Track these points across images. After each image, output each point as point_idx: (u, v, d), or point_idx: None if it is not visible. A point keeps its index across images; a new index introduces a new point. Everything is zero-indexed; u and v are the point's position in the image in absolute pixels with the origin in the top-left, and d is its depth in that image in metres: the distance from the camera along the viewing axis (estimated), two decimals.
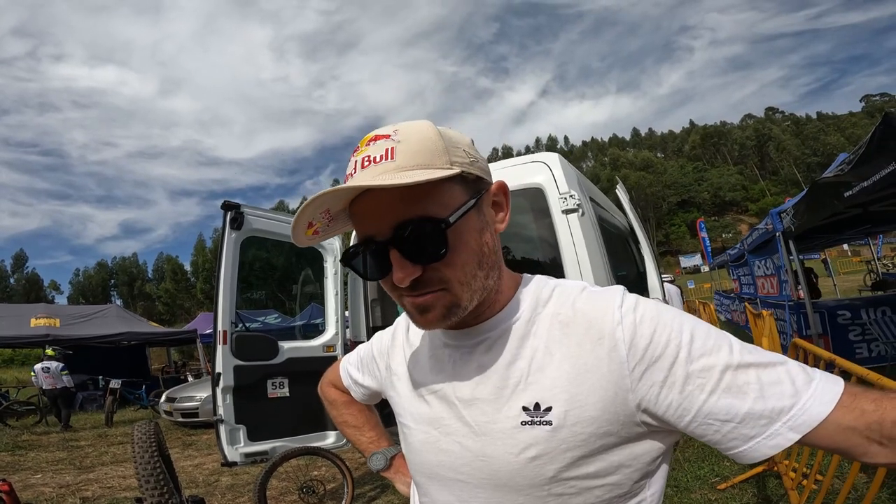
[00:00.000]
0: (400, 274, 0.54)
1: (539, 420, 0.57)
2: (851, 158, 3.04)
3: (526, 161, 2.90)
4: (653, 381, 0.54)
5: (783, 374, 0.52)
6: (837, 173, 3.36)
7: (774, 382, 0.51)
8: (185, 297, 74.28)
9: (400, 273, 0.54)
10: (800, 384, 0.51)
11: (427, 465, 0.67)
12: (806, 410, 0.50)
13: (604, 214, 3.80)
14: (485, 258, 0.59)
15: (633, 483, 0.59)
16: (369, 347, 0.87)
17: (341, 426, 1.00)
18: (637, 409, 0.55)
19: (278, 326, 6.90)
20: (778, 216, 5.53)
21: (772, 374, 0.52)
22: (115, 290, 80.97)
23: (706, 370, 0.52)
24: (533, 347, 0.60)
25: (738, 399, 0.51)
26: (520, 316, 0.63)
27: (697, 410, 0.53)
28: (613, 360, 0.55)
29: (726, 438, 0.53)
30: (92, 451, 6.98)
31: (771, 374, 0.52)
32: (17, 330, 11.03)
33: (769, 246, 6.87)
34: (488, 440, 0.60)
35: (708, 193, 79.86)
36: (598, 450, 0.56)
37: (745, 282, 10.51)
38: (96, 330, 11.87)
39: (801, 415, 0.50)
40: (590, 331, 0.57)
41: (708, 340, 0.54)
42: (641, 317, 0.56)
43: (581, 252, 2.54)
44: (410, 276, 0.55)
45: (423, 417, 0.68)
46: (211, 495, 4.43)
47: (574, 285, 0.65)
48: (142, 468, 1.74)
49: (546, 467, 0.57)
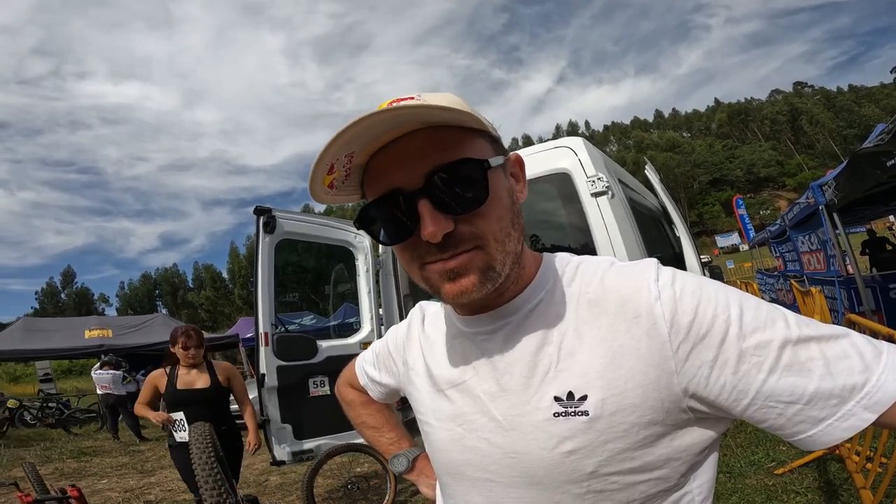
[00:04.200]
0: (432, 227, 0.48)
1: (574, 411, 0.52)
2: (891, 128, 2.95)
3: (550, 147, 2.85)
4: (701, 361, 0.48)
5: (849, 348, 0.47)
6: (878, 143, 3.24)
7: (841, 357, 0.46)
8: (224, 304, 77.03)
9: (432, 226, 0.48)
10: (869, 358, 0.46)
11: (453, 464, 0.62)
12: (881, 387, 0.45)
13: (634, 196, 3.70)
14: (517, 217, 0.55)
15: (679, 476, 0.54)
16: (385, 343, 0.82)
17: (359, 428, 0.95)
18: (684, 394, 0.50)
19: (314, 327, 7.05)
20: (819, 189, 5.29)
21: (836, 347, 0.47)
22: (160, 300, 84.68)
23: (762, 346, 0.47)
24: (561, 331, 0.54)
25: (803, 377, 0.46)
26: (543, 297, 0.57)
27: (757, 392, 0.47)
28: (654, 340, 0.50)
29: (792, 422, 0.47)
30: (151, 455, 7.30)
31: (835, 347, 0.47)
32: (73, 342, 11.76)
33: (812, 220, 6.58)
34: (518, 435, 0.55)
35: (741, 171, 77.31)
36: (642, 441, 0.51)
37: (790, 258, 10.06)
38: (146, 338, 12.50)
39: (875, 392, 0.45)
40: (624, 309, 0.52)
41: (760, 313, 0.48)
42: (682, 290, 0.50)
43: (614, 235, 2.48)
44: (443, 230, 0.48)
45: (445, 414, 0.63)
46: (262, 495, 4.58)
47: (600, 260, 0.59)
48: (201, 469, 1.81)
49: (584, 462, 0.52)
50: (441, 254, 0.50)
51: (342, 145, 0.47)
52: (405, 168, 0.50)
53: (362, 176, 0.55)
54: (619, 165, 3.93)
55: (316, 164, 0.48)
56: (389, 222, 0.52)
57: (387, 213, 0.51)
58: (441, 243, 0.49)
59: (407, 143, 0.50)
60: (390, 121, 0.47)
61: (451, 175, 0.49)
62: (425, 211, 0.48)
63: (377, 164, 0.52)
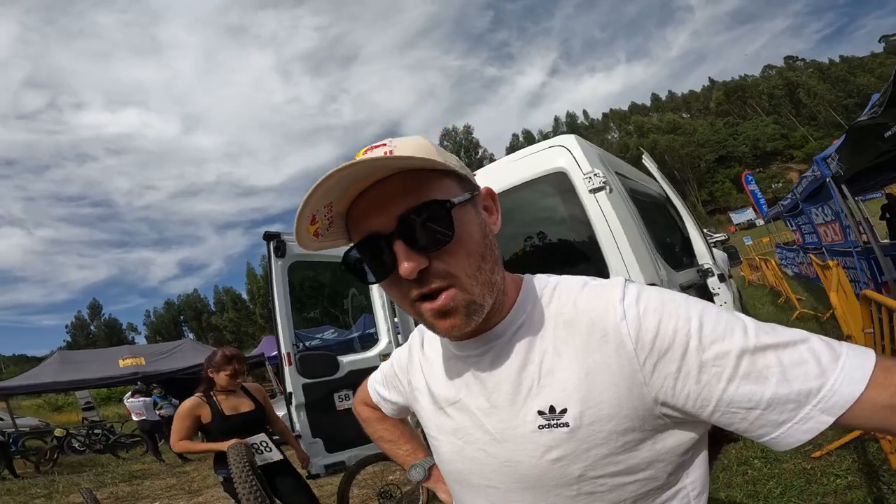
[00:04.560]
0: (406, 264, 0.52)
1: (556, 423, 0.56)
2: (882, 101, 2.95)
3: (544, 147, 2.90)
4: (666, 373, 0.52)
5: (806, 353, 0.48)
6: (872, 115, 3.23)
7: (797, 363, 0.48)
8: (247, 324, 78.16)
9: (406, 263, 0.52)
10: (826, 362, 0.48)
11: (458, 473, 0.68)
12: (836, 391, 0.47)
13: (635, 186, 3.71)
14: (488, 251, 0.58)
15: (668, 475, 0.58)
16: (391, 364, 0.88)
17: (378, 442, 1.02)
18: (655, 402, 0.54)
19: (336, 341, 7.17)
20: (824, 162, 5.22)
21: (793, 354, 0.49)
22: (186, 325, 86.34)
23: (721, 357, 0.50)
24: (541, 350, 0.59)
25: (760, 384, 0.48)
26: (525, 320, 0.62)
27: (718, 400, 0.50)
28: (622, 357, 0.54)
29: (755, 426, 0.50)
30: (197, 475, 7.49)
31: (792, 354, 0.49)
32: (109, 371, 12.25)
33: (822, 193, 6.48)
34: (510, 446, 0.60)
35: (746, 147, 75.95)
36: (623, 447, 0.55)
37: (807, 231, 9.87)
38: (177, 364, 12.92)
39: (831, 396, 0.47)
40: (593, 329, 0.56)
41: (719, 325, 0.51)
42: (645, 308, 0.54)
43: (616, 228, 2.54)
44: (418, 266, 0.52)
45: (446, 429, 0.68)
46: None
47: (575, 282, 0.63)
48: (242, 487, 1.94)
49: (570, 467, 0.56)
50: (420, 287, 0.54)
51: (320, 197, 0.52)
52: (380, 213, 0.54)
53: (346, 222, 0.59)
54: (616, 157, 3.95)
55: (298, 216, 0.53)
56: (372, 263, 0.56)
57: (368, 255, 0.56)
58: (418, 278, 0.54)
59: (379, 190, 0.54)
60: (361, 172, 0.51)
61: (420, 216, 0.53)
62: (400, 250, 0.53)
63: (355, 211, 0.56)
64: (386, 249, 0.54)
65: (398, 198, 0.54)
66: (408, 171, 0.54)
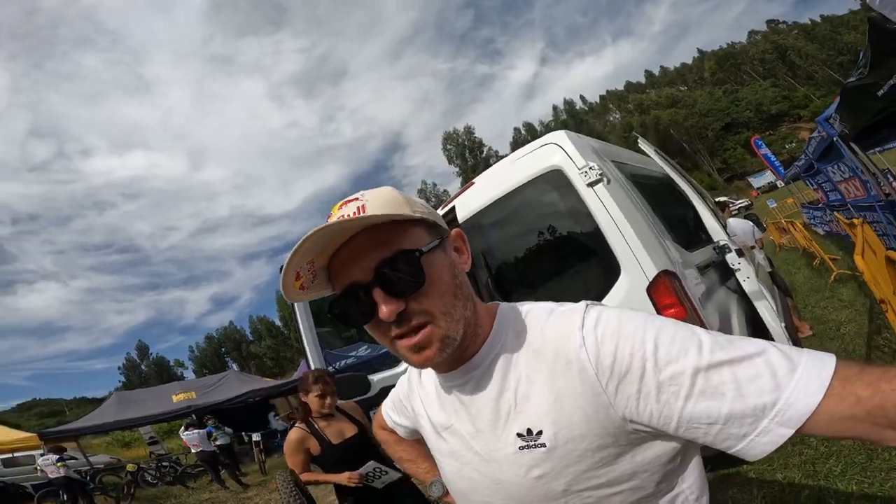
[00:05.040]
0: (385, 308, 0.57)
1: (534, 444, 0.60)
2: (865, 62, 2.99)
3: (537, 146, 2.92)
4: (628, 394, 0.54)
5: (762, 367, 0.49)
6: (860, 77, 3.24)
7: (752, 378, 0.49)
8: (285, 349, 79.85)
9: (385, 308, 0.57)
10: (781, 375, 0.49)
11: (460, 491, 0.74)
12: (791, 404, 0.47)
13: (637, 171, 3.63)
14: (459, 290, 0.63)
15: (656, 484, 0.60)
16: (397, 392, 0.95)
17: (399, 462, 1.09)
18: (623, 420, 0.56)
19: (370, 356, 7.36)
20: (827, 123, 5.16)
21: (748, 368, 0.50)
22: (228, 356, 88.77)
23: (676, 377, 0.52)
24: (516, 378, 0.63)
25: (716, 401, 0.50)
26: (499, 349, 0.66)
27: (679, 417, 0.52)
28: (585, 382, 0.57)
29: (718, 439, 0.52)
30: (259, 499, 7.75)
31: (748, 368, 0.50)
32: (164, 407, 12.81)
33: (833, 151, 6.34)
34: (497, 465, 0.64)
35: (750, 111, 74.31)
36: (601, 461, 0.58)
37: (828, 189, 9.60)
38: (224, 394, 13.35)
39: (787, 409, 0.47)
40: (558, 357, 0.59)
41: (673, 346, 0.53)
42: (602, 334, 0.57)
43: (618, 218, 2.54)
44: (395, 310, 0.57)
45: (445, 451, 0.74)
46: None
47: (542, 310, 0.67)
48: None
49: (553, 483, 0.60)
50: (399, 328, 0.60)
51: (301, 256, 0.57)
52: (357, 265, 0.59)
53: (328, 274, 0.64)
54: (613, 146, 3.94)
55: (284, 274, 0.58)
56: (354, 309, 0.61)
57: (352, 302, 0.61)
58: (397, 320, 0.59)
59: (354, 245, 0.60)
60: (335, 232, 0.57)
61: (393, 265, 0.58)
62: (378, 297, 0.58)
63: (335, 264, 0.62)
64: (366, 297, 0.59)
65: (371, 250, 0.59)
66: (379, 225, 0.60)
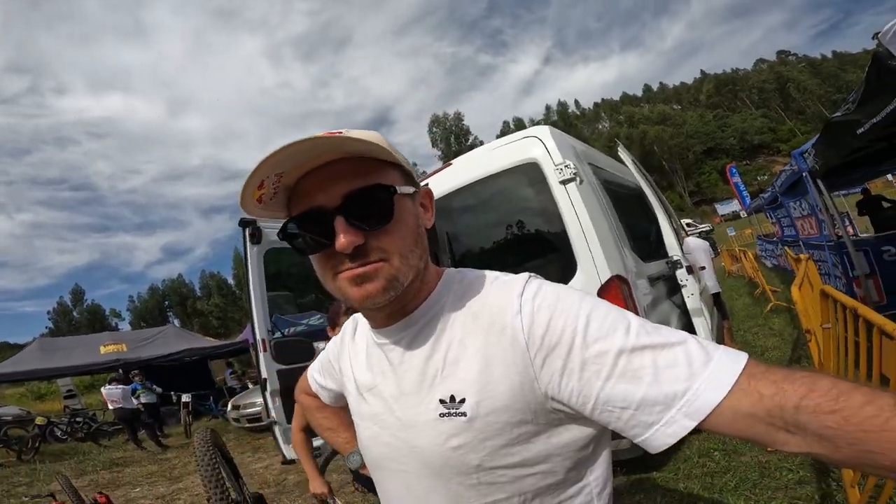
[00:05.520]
0: (344, 239, 0.55)
1: (455, 412, 0.58)
2: (855, 97, 3.02)
3: (518, 137, 2.93)
4: (553, 369, 0.54)
5: (681, 356, 0.49)
6: (845, 112, 3.29)
7: (671, 365, 0.49)
8: (234, 310, 77.68)
9: (343, 237, 0.55)
10: (697, 366, 0.48)
11: (375, 458, 0.71)
12: (700, 395, 0.47)
13: (612, 178, 3.74)
14: (420, 238, 0.62)
15: (567, 471, 0.59)
16: (327, 353, 0.91)
17: (318, 429, 1.03)
18: (545, 397, 0.55)
19: (322, 326, 7.20)
20: (801, 157, 5.30)
21: (669, 355, 0.50)
22: (171, 311, 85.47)
23: (601, 355, 0.51)
24: (448, 340, 0.61)
25: (634, 384, 0.50)
26: (437, 310, 0.64)
27: (597, 397, 0.52)
28: (516, 351, 0.56)
29: (628, 426, 0.51)
30: (178, 462, 7.55)
31: (668, 355, 0.50)
32: (90, 358, 12.11)
33: (799, 187, 6.57)
34: (415, 432, 0.62)
35: (734, 139, 77.72)
36: (517, 439, 0.57)
37: (786, 224, 10.06)
38: (159, 350, 12.83)
39: (694, 400, 0.47)
40: (494, 322, 0.58)
41: (604, 324, 0.53)
42: (539, 305, 0.56)
43: (584, 220, 2.58)
44: (354, 242, 0.56)
45: (365, 414, 0.71)
46: (281, 493, 4.76)
47: (487, 276, 0.66)
48: (203, 470, 1.96)
49: (469, 456, 0.58)
50: (352, 263, 0.57)
51: (273, 164, 0.54)
52: (326, 190, 0.57)
53: (289, 196, 0.61)
54: (594, 149, 3.98)
55: (248, 178, 0.55)
56: (309, 235, 0.59)
57: (308, 228, 0.59)
58: (352, 254, 0.57)
59: (329, 169, 0.58)
60: (316, 148, 0.54)
61: (364, 197, 0.57)
62: (340, 226, 0.56)
63: (303, 185, 0.59)
64: (325, 224, 0.57)
65: (346, 178, 0.57)
66: (358, 157, 0.58)
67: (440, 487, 0.62)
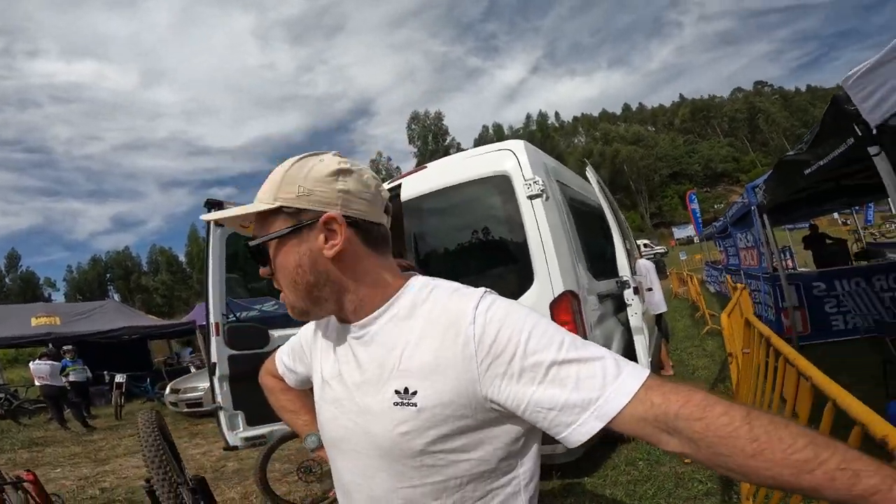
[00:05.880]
0: (261, 270, 0.75)
1: (407, 402, 0.67)
2: (808, 138, 3.12)
3: (494, 149, 3.03)
4: (495, 373, 0.63)
5: (598, 369, 0.60)
6: (797, 152, 3.45)
7: (589, 376, 0.59)
8: (182, 288, 74.37)
9: (261, 269, 0.75)
10: (609, 378, 0.59)
11: (333, 438, 0.79)
12: (608, 401, 0.58)
13: (577, 196, 3.90)
14: (299, 277, 0.71)
15: (499, 460, 0.69)
16: (298, 338, 0.99)
17: (280, 411, 1.09)
18: (485, 398, 0.64)
19: (276, 314, 7.05)
20: (752, 191, 5.67)
21: (589, 368, 0.60)
22: (112, 285, 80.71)
23: (537, 365, 0.61)
24: (406, 340, 0.70)
25: (559, 390, 0.60)
26: (397, 313, 0.72)
27: (528, 400, 0.62)
28: (466, 355, 0.64)
29: (552, 424, 0.61)
30: (105, 444, 7.21)
31: (589, 368, 0.60)
32: (19, 330, 11.22)
33: (748, 219, 6.99)
34: (371, 417, 0.70)
35: (699, 165, 79.82)
36: (458, 430, 0.66)
37: (731, 253, 10.73)
38: (96, 326, 12.03)
39: (604, 405, 0.58)
40: (450, 328, 0.66)
41: (542, 339, 0.62)
42: (491, 317, 0.65)
43: (545, 235, 2.70)
44: (265, 273, 0.75)
45: (328, 398, 0.79)
46: (219, 479, 4.64)
47: (448, 287, 0.74)
48: (147, 450, 1.91)
49: (414, 441, 0.67)
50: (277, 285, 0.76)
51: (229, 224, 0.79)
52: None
53: None
54: (562, 166, 4.12)
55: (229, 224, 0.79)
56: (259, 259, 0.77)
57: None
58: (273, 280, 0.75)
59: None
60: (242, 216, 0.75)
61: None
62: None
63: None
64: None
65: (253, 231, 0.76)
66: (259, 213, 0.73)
67: (387, 467, 0.70)
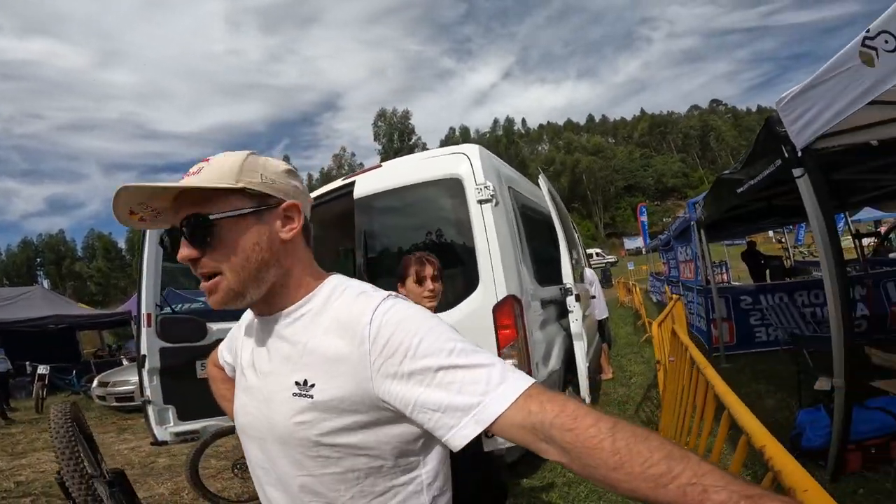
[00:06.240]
0: (181, 253, 0.71)
1: (304, 393, 0.70)
2: (743, 158, 3.24)
3: (449, 152, 3.06)
4: (386, 373, 0.65)
5: (483, 375, 0.62)
6: (733, 171, 3.62)
7: (473, 382, 0.61)
8: (119, 277, 69.85)
9: (181, 252, 0.71)
10: (493, 384, 0.61)
11: (241, 424, 0.82)
12: (487, 407, 0.59)
13: (529, 203, 3.99)
14: (254, 255, 0.71)
15: (395, 458, 0.71)
16: (234, 330, 1.00)
17: (219, 400, 1.10)
18: (376, 396, 0.67)
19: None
20: (693, 206, 6.03)
21: (475, 374, 0.62)
22: (42, 270, 74.69)
23: (426, 369, 0.63)
24: (311, 334, 0.72)
25: (444, 393, 0.62)
26: (310, 309, 0.75)
27: (415, 401, 0.64)
28: (361, 353, 0.67)
29: (437, 426, 0.63)
30: (23, 437, 6.89)
31: (474, 374, 0.62)
32: None
33: (687, 233, 7.40)
34: (273, 406, 0.73)
35: (652, 179, 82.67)
36: (353, 424, 0.68)
37: (672, 265, 11.31)
38: (21, 313, 11.28)
39: (483, 410, 0.60)
40: (349, 327, 0.69)
41: (434, 344, 0.64)
42: (388, 320, 0.67)
43: (492, 240, 2.75)
44: (187, 256, 0.71)
45: (242, 386, 0.83)
46: (147, 475, 4.46)
47: (357, 287, 0.76)
48: (58, 442, 1.80)
49: (309, 431, 0.69)
50: (195, 272, 0.73)
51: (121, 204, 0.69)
52: (178, 214, 0.72)
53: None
54: (517, 173, 4.21)
55: (114, 209, 0.70)
56: (170, 246, 0.74)
57: (170, 240, 0.74)
58: (193, 266, 0.72)
59: (182, 197, 0.72)
60: (171, 189, 0.70)
61: (189, 223, 0.70)
62: (182, 242, 0.71)
63: (172, 208, 0.74)
64: (178, 238, 0.72)
65: (188, 205, 0.71)
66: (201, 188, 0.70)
67: (286, 454, 0.73)
